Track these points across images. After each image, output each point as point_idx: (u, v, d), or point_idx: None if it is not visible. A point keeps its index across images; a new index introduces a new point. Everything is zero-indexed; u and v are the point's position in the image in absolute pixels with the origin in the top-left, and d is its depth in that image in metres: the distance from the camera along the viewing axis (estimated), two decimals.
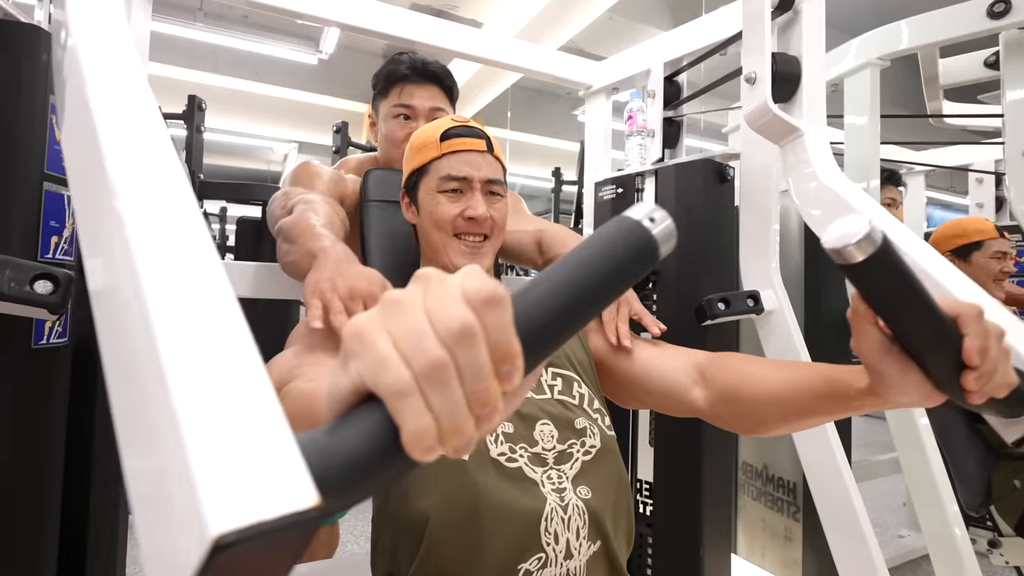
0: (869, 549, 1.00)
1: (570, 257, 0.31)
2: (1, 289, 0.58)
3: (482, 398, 0.25)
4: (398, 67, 1.15)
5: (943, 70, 1.72)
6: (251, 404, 0.22)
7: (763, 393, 0.63)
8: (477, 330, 0.25)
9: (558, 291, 0.29)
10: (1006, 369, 0.42)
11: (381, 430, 0.24)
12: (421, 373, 0.24)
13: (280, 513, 0.19)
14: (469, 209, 0.82)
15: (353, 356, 0.25)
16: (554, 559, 0.64)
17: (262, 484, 0.20)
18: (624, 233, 0.32)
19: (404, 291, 0.27)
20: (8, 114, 0.70)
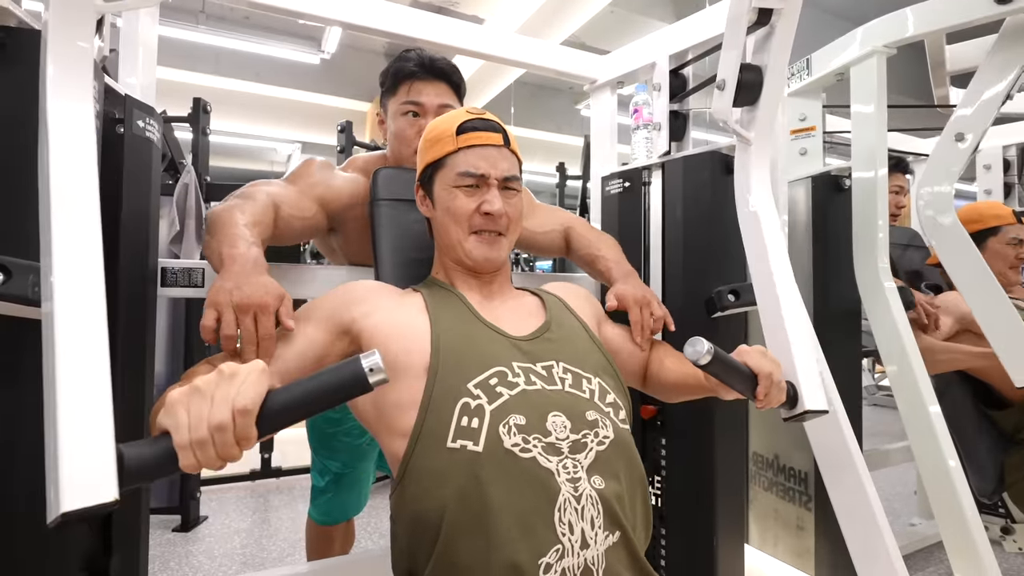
0: (883, 537, 1.00)
1: (314, 378, 0.56)
2: (25, 294, 0.59)
3: (227, 455, 0.52)
4: (406, 64, 1.16)
5: (949, 56, 1.70)
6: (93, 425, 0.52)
7: (674, 381, 0.95)
8: (229, 427, 0.52)
9: (297, 399, 0.55)
10: (778, 398, 0.81)
11: (170, 454, 0.51)
12: (193, 441, 0.51)
13: (96, 502, 0.47)
14: (485, 204, 0.82)
15: (167, 414, 0.53)
16: (570, 549, 0.64)
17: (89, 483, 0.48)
18: (353, 372, 0.55)
19: (206, 381, 0.53)
20: (25, 120, 0.71)
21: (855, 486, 1.04)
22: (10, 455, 0.68)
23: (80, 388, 0.52)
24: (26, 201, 0.70)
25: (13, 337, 0.68)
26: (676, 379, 0.94)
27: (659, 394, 1.01)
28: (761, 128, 0.99)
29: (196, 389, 0.52)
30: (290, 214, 1.01)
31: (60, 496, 0.47)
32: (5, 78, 0.69)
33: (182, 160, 2.62)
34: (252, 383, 0.53)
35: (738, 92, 0.95)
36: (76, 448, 0.49)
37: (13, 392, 0.68)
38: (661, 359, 0.98)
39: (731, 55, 0.94)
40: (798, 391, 0.85)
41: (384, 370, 0.55)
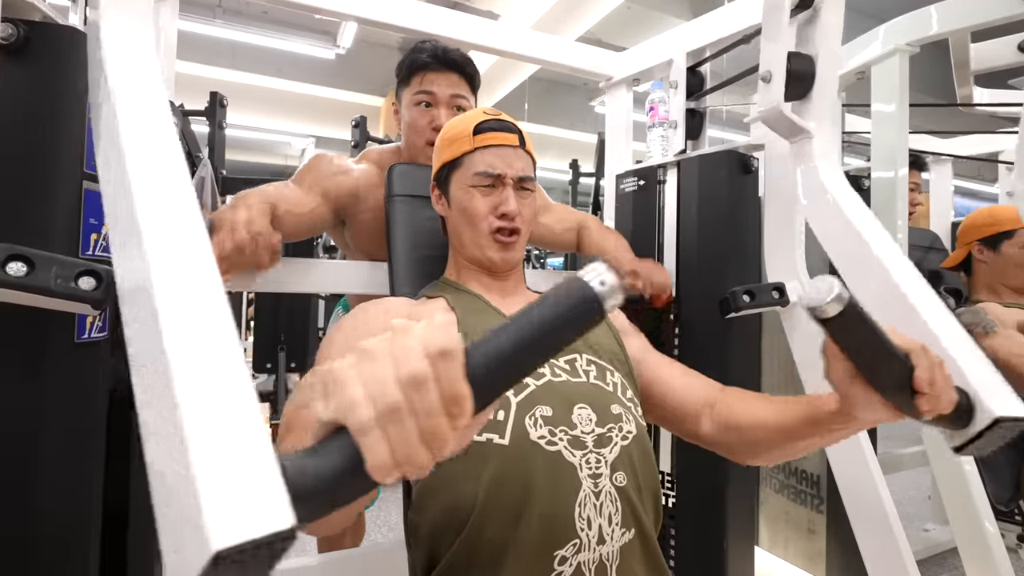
0: (896, 542, 0.99)
1: (524, 314, 0.37)
2: (48, 285, 0.60)
3: (433, 433, 0.31)
4: (420, 56, 1.17)
5: (974, 55, 1.67)
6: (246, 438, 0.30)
7: (758, 420, 0.72)
8: (428, 377, 0.32)
9: (509, 345, 0.35)
10: (949, 393, 0.53)
11: (349, 457, 0.31)
12: (380, 413, 0.31)
13: (266, 532, 0.26)
14: (502, 205, 0.83)
15: (330, 395, 0.33)
16: (587, 544, 0.65)
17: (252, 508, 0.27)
18: (575, 296, 0.36)
19: (374, 342, 0.34)
20: (48, 115, 0.72)
21: (868, 490, 1.03)
22: (33, 448, 0.70)
23: (213, 387, 0.34)
24: (46, 194, 0.71)
25: (36, 328, 0.69)
26: (759, 417, 0.72)
27: (736, 448, 0.77)
28: (822, 117, 0.92)
29: (365, 352, 0.34)
30: (286, 210, 1.03)
31: (206, 531, 0.27)
32: (28, 72, 0.70)
33: (198, 153, 2.64)
34: (439, 327, 0.34)
35: (788, 84, 0.88)
36: (220, 463, 0.30)
37: (35, 384, 0.70)
38: (736, 396, 0.78)
39: (774, 45, 0.88)
40: (972, 397, 0.58)
41: (620, 287, 0.37)
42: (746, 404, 0.75)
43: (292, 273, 1.14)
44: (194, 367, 0.34)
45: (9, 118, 0.68)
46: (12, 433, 0.69)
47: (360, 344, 0.34)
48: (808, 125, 0.92)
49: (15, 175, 0.69)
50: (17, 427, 0.69)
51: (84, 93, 0.74)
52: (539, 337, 0.36)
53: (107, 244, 0.78)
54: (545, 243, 1.27)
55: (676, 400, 0.83)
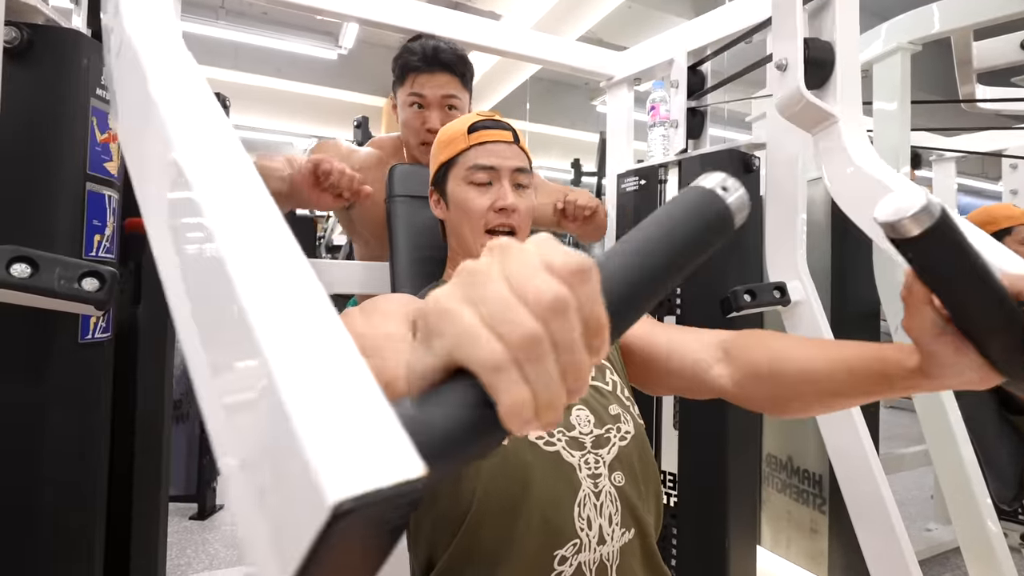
0: (899, 542, 0.99)
1: (646, 228, 0.31)
2: (52, 287, 0.61)
3: (575, 371, 0.25)
4: (411, 58, 1.18)
5: (976, 53, 1.67)
6: (349, 378, 0.23)
7: (797, 371, 0.59)
8: (571, 302, 0.24)
9: (637, 264, 0.29)
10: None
11: (477, 404, 0.24)
12: (517, 346, 0.23)
13: (393, 481, 0.20)
14: (499, 200, 0.83)
15: (437, 334, 0.25)
16: (587, 544, 0.65)
17: (372, 455, 0.20)
18: (699, 203, 0.31)
19: (479, 262, 0.26)
20: (52, 117, 0.72)
21: (871, 489, 1.03)
22: (38, 446, 0.70)
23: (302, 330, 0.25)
24: (49, 196, 0.71)
25: (40, 329, 0.69)
26: (799, 366, 0.59)
27: (681, 384, 0.73)
28: (849, 101, 0.88)
29: (473, 272, 0.26)
30: None
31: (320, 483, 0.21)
32: (31, 75, 0.71)
33: None
34: (558, 244, 0.27)
35: (807, 71, 0.85)
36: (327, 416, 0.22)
37: (40, 384, 0.70)
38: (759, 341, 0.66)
39: (787, 32, 0.85)
40: None
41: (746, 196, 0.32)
42: (779, 349, 0.62)
43: None
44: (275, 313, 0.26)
45: (13, 120, 0.68)
46: (17, 433, 0.70)
47: (462, 264, 0.27)
48: (833, 110, 0.87)
49: (19, 177, 0.69)
50: (22, 426, 0.70)
51: (87, 95, 0.75)
52: (669, 260, 0.30)
53: (110, 245, 0.78)
54: None
55: (679, 356, 0.73)
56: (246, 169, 0.35)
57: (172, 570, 2.06)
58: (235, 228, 0.30)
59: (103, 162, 0.77)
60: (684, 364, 0.71)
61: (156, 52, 0.47)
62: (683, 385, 0.75)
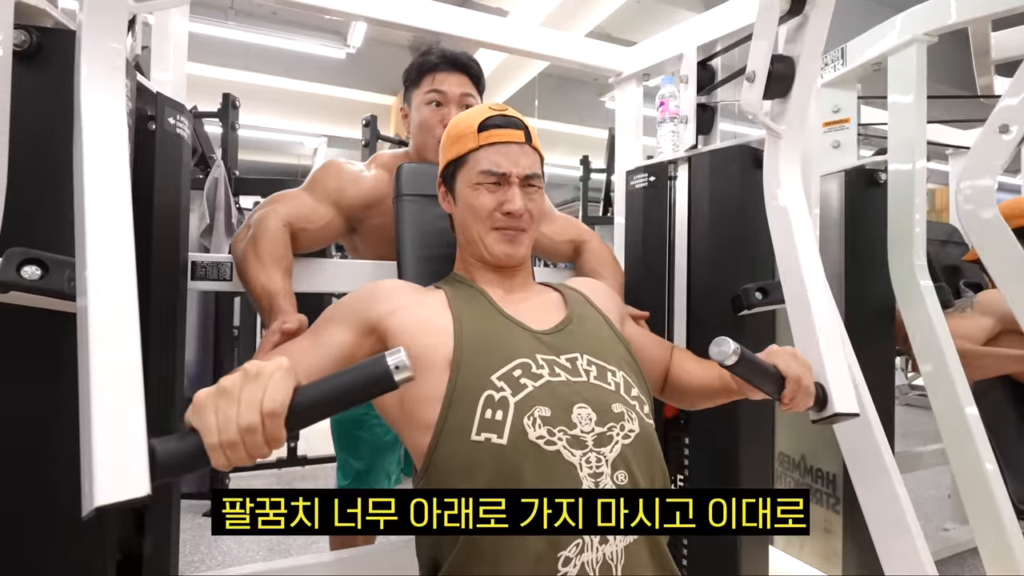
0: (914, 542, 0.97)
1: (340, 376, 0.57)
2: (62, 288, 0.61)
3: (256, 454, 0.53)
4: (429, 58, 1.21)
5: (995, 44, 1.63)
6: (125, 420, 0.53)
7: (694, 385, 0.95)
8: (259, 430, 0.52)
9: (324, 397, 0.55)
10: (805, 402, 0.79)
11: (200, 453, 0.52)
12: (223, 442, 0.51)
13: (128, 497, 0.48)
14: (507, 203, 0.82)
15: (195, 415, 0.53)
16: (590, 544, 0.65)
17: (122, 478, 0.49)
18: (377, 370, 0.55)
19: (232, 382, 0.53)
20: (61, 119, 0.72)
21: (886, 489, 1.01)
22: (50, 443, 0.71)
23: (113, 382, 0.54)
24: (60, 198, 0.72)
25: (51, 330, 0.70)
26: (699, 383, 0.94)
27: (680, 400, 1.01)
28: (792, 121, 0.96)
29: (223, 391, 0.52)
30: (303, 228, 1.07)
31: (94, 490, 0.48)
32: (41, 77, 0.71)
33: (212, 154, 2.67)
34: (278, 383, 0.53)
35: (768, 84, 0.92)
36: (109, 442, 0.50)
37: (53, 383, 0.71)
38: (682, 362, 0.98)
39: (762, 45, 0.91)
40: (828, 393, 0.83)
41: (410, 367, 0.54)
42: (687, 369, 0.97)
43: (303, 272, 1.14)
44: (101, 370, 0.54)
45: (23, 123, 0.69)
46: (29, 432, 0.70)
47: (222, 382, 0.53)
48: (779, 128, 0.97)
49: (29, 179, 0.70)
50: (34, 426, 0.70)
51: None
52: (345, 393, 0.55)
53: None
54: (541, 250, 1.27)
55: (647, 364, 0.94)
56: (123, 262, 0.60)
57: (185, 567, 2.08)
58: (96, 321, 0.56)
59: None
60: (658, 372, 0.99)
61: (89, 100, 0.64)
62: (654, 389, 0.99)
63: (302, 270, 1.15)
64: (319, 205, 1.12)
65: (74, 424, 0.72)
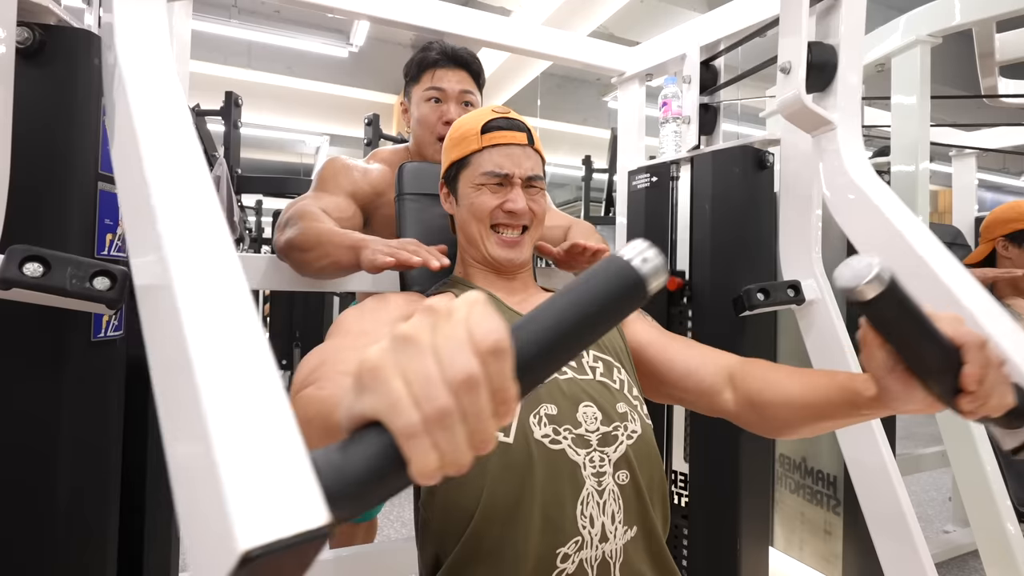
0: (915, 544, 0.97)
1: (564, 297, 0.34)
2: (64, 286, 0.61)
3: (480, 437, 0.28)
4: (429, 54, 1.21)
5: (999, 45, 1.62)
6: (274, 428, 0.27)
7: (783, 398, 0.67)
8: (481, 380, 0.28)
9: (552, 331, 0.32)
10: (1002, 394, 0.47)
11: (389, 458, 0.28)
12: (429, 418, 0.27)
13: (298, 530, 0.23)
14: (509, 203, 0.83)
15: (367, 390, 0.29)
16: (590, 542, 0.65)
17: (282, 505, 0.24)
18: (615, 275, 0.34)
19: (414, 327, 0.29)
20: (64, 117, 0.73)
21: (886, 491, 1.01)
22: (52, 444, 0.71)
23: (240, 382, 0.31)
24: (61, 195, 0.72)
25: (53, 328, 0.70)
26: (793, 396, 0.66)
27: (763, 423, 0.72)
28: (846, 108, 0.89)
29: (405, 339, 0.29)
30: (339, 218, 1.07)
31: (233, 530, 0.24)
32: (44, 75, 0.71)
33: (214, 153, 2.67)
34: (482, 313, 0.30)
35: (809, 75, 0.85)
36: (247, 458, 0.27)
37: (53, 383, 0.71)
38: (760, 372, 0.72)
39: (794, 35, 0.86)
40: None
41: (664, 266, 0.35)
42: (771, 380, 0.70)
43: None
44: (217, 364, 0.31)
45: (25, 120, 0.69)
46: (31, 430, 0.70)
47: (398, 329, 0.29)
48: (832, 116, 0.89)
49: (32, 176, 0.70)
50: (36, 424, 0.71)
51: (99, 95, 0.75)
52: (581, 324, 0.33)
53: (122, 244, 0.79)
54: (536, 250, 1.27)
55: (694, 377, 0.78)
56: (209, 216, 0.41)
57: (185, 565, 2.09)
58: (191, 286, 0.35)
59: None
60: (700, 387, 0.77)
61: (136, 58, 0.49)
62: (690, 400, 0.81)
63: None
64: (341, 199, 1.13)
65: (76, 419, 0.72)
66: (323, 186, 1.16)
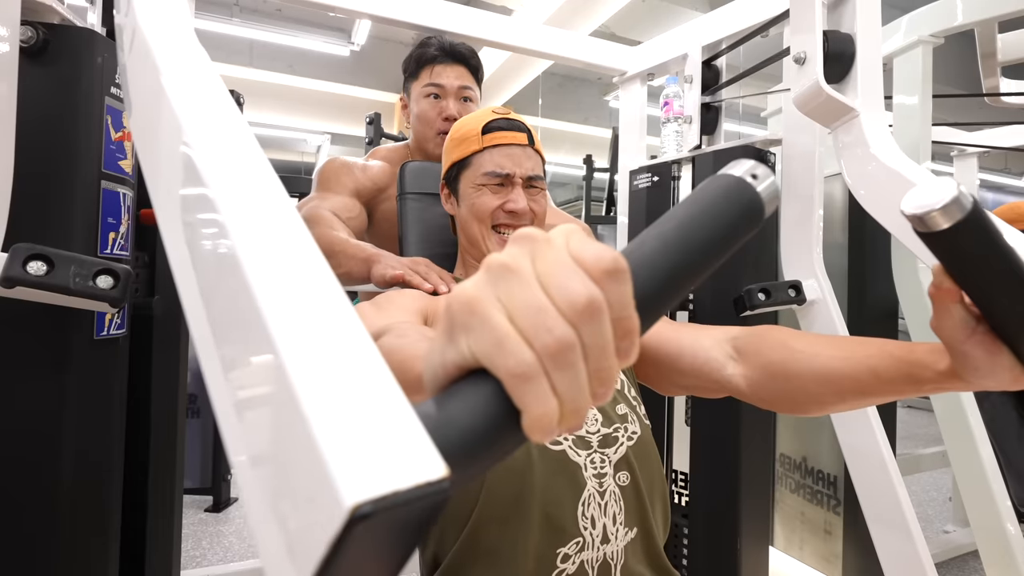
0: (915, 544, 0.97)
1: (674, 219, 0.29)
2: (67, 284, 0.61)
3: (604, 377, 0.23)
4: (427, 50, 1.21)
5: (1001, 46, 1.62)
6: (367, 374, 0.22)
7: (815, 371, 0.55)
8: (603, 306, 0.23)
9: (664, 259, 0.27)
10: None
11: (500, 409, 0.22)
12: (546, 354, 0.22)
13: (414, 483, 0.18)
14: (510, 202, 0.83)
15: (464, 329, 0.23)
16: (591, 543, 0.65)
17: (392, 456, 0.19)
18: (728, 193, 0.29)
19: (511, 255, 0.24)
20: (68, 116, 0.73)
21: (887, 491, 1.01)
22: (56, 441, 0.71)
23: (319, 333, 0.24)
24: (65, 194, 0.72)
25: (56, 326, 0.70)
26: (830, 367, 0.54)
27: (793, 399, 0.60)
28: (869, 94, 0.87)
29: (503, 267, 0.24)
30: (347, 219, 1.09)
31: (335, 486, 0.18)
32: (47, 74, 0.72)
33: None
34: (584, 237, 0.25)
35: (827, 64, 0.83)
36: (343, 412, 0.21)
37: (57, 381, 0.71)
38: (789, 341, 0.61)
39: (805, 24, 0.84)
40: None
41: (773, 176, 0.31)
42: (797, 349, 0.58)
43: None
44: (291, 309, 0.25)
45: (29, 119, 0.69)
46: (35, 428, 0.71)
47: (490, 258, 0.24)
48: (854, 103, 0.85)
49: (35, 175, 0.70)
50: (40, 422, 0.71)
51: (102, 94, 0.75)
52: (697, 252, 0.28)
53: (124, 243, 0.79)
54: None
55: (688, 355, 0.69)
56: (259, 163, 0.34)
57: (187, 562, 2.09)
58: (249, 224, 0.29)
59: (118, 160, 0.77)
60: (696, 363, 0.68)
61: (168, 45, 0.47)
62: (694, 384, 0.72)
63: None
64: (347, 198, 1.14)
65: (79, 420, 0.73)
66: (326, 186, 1.16)
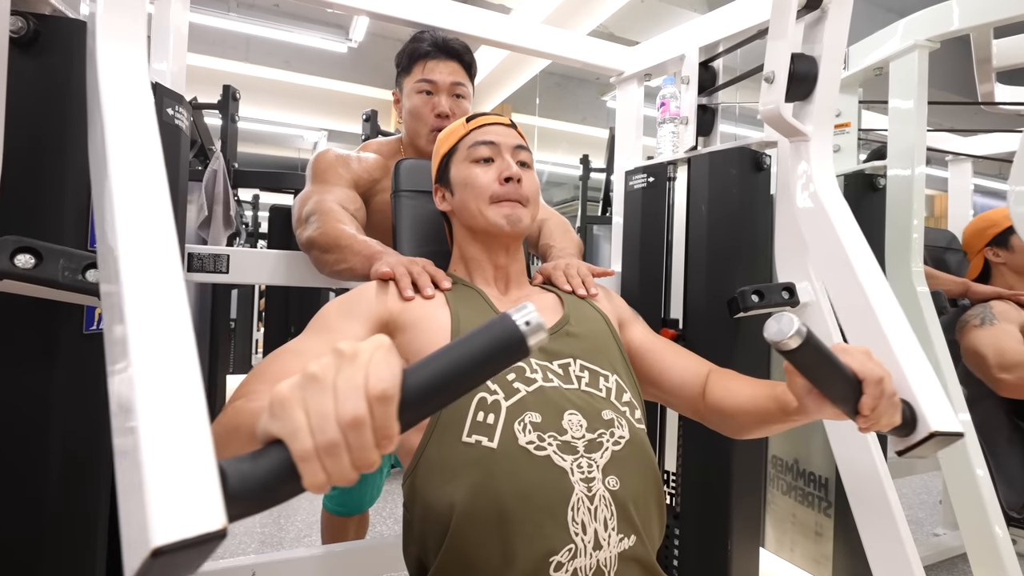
0: (904, 547, 0.98)
1: (457, 347, 0.41)
2: (56, 278, 0.61)
3: (364, 462, 0.36)
4: (420, 45, 1.20)
5: (996, 52, 1.63)
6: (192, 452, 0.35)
7: (739, 406, 0.77)
8: (366, 421, 0.35)
9: (440, 377, 0.39)
10: (891, 416, 0.61)
11: (288, 472, 0.35)
12: (320, 447, 0.35)
13: (200, 532, 0.31)
14: (504, 171, 0.84)
15: (276, 417, 0.36)
16: (583, 549, 0.64)
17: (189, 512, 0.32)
18: (502, 334, 0.41)
19: (322, 367, 0.37)
20: (58, 107, 0.72)
21: (877, 493, 1.02)
22: (44, 435, 0.71)
23: (167, 391, 0.38)
24: (53, 187, 0.72)
25: (44, 320, 0.70)
26: (745, 404, 0.77)
27: (723, 424, 0.83)
28: (820, 122, 0.93)
29: (311, 378, 0.36)
30: (355, 210, 1.09)
31: (149, 527, 0.31)
32: (38, 65, 0.71)
33: (211, 146, 2.66)
34: (382, 361, 0.37)
35: (790, 85, 0.88)
36: (166, 466, 0.34)
37: (46, 374, 0.71)
38: (723, 381, 0.82)
39: (779, 45, 0.87)
40: (916, 410, 0.66)
41: (544, 325, 0.41)
42: (732, 389, 0.80)
43: (300, 267, 1.14)
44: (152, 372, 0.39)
45: (19, 111, 0.68)
46: (23, 422, 0.70)
47: (309, 367, 0.37)
48: (806, 128, 0.93)
49: (25, 167, 0.70)
50: (28, 415, 0.70)
51: None
52: (468, 370, 0.40)
53: None
54: None
55: (676, 381, 0.87)
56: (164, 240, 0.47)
57: None
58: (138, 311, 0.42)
59: None
60: (687, 393, 0.86)
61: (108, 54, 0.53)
62: (674, 404, 0.90)
63: (299, 264, 1.14)
64: (347, 190, 1.14)
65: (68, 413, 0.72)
66: (324, 177, 1.15)
